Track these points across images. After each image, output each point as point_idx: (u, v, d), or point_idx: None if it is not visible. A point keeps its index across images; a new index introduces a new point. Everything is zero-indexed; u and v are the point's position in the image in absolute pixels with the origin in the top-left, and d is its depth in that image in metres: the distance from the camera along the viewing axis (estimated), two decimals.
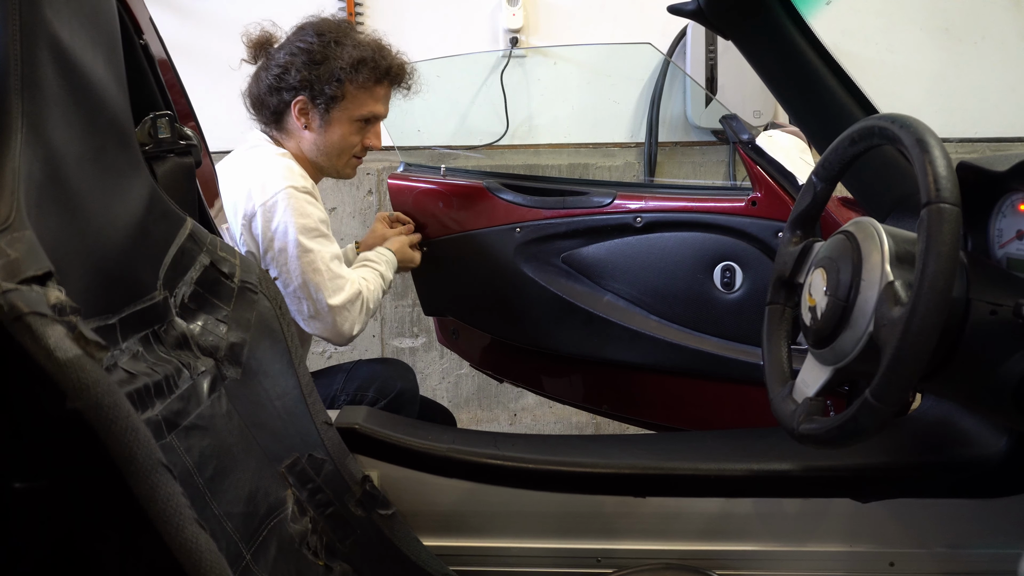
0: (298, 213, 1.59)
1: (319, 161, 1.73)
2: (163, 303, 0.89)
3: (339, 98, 1.66)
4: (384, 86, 1.72)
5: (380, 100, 1.72)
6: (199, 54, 2.58)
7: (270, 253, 1.60)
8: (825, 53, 1.29)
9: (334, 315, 1.62)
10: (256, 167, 1.65)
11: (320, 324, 1.64)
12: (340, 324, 1.63)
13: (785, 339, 1.10)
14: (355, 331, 1.67)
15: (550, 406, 2.90)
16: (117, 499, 0.51)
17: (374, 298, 1.71)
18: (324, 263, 1.61)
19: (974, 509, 1.19)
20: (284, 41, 1.71)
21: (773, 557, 1.24)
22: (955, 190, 0.80)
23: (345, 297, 1.63)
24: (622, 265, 1.83)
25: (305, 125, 1.70)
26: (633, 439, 1.57)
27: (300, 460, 1.09)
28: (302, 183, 1.63)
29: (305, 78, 1.65)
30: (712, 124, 2.73)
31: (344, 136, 1.70)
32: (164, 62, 1.17)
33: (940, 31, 2.78)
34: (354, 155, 1.75)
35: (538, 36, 2.78)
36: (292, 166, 1.65)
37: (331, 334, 1.66)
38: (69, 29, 0.73)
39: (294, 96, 1.67)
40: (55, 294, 0.50)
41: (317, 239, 1.61)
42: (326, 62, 1.64)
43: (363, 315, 1.68)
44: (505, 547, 1.27)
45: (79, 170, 0.73)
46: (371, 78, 1.67)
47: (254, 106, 1.75)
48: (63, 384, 0.47)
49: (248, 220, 1.60)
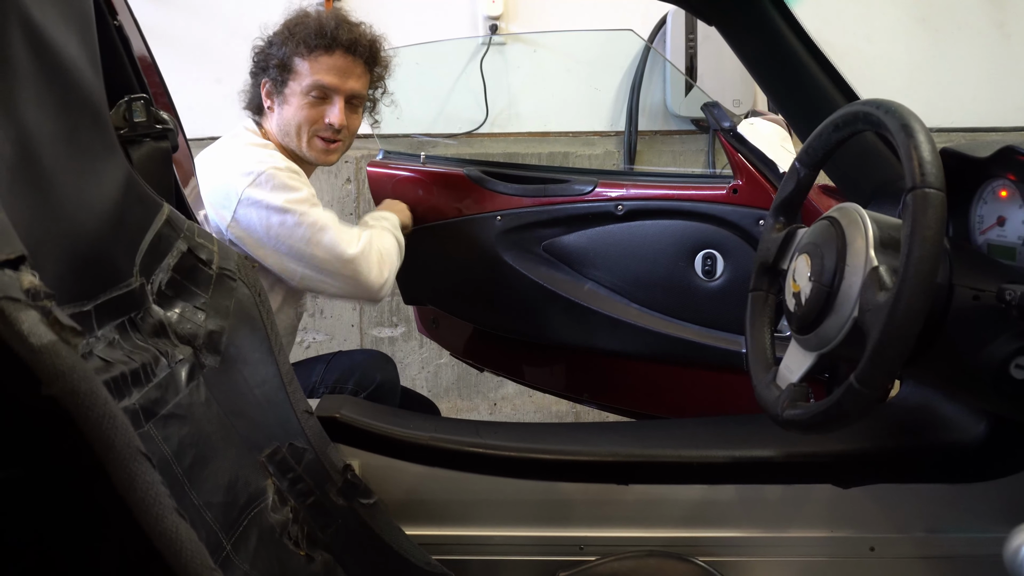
0: (285, 188, 1.56)
1: (286, 142, 1.69)
2: (140, 290, 0.87)
3: (285, 69, 1.64)
4: (336, 56, 1.64)
5: (329, 70, 1.64)
6: (175, 38, 2.54)
7: (271, 231, 1.54)
8: (808, 40, 1.30)
9: (358, 265, 1.58)
10: (235, 156, 1.63)
11: (348, 281, 1.59)
12: (368, 273, 1.59)
13: (768, 326, 1.11)
14: (384, 277, 1.63)
15: (530, 395, 2.90)
16: (94, 488, 0.49)
17: (387, 244, 1.67)
18: (331, 222, 1.58)
19: (954, 494, 1.20)
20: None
21: (755, 543, 1.24)
22: (940, 175, 0.80)
23: (363, 244, 1.60)
24: (603, 253, 1.83)
25: (269, 105, 1.69)
26: (615, 427, 1.58)
27: (280, 449, 1.08)
28: (284, 163, 1.60)
29: (264, 60, 1.67)
30: (692, 113, 2.73)
31: (296, 110, 1.65)
32: (140, 45, 1.14)
33: (917, 21, 2.79)
34: (316, 134, 1.67)
35: (517, 23, 2.77)
36: (272, 152, 1.64)
37: (362, 288, 1.61)
38: (40, 7, 0.71)
39: (260, 79, 1.69)
40: (28, 278, 0.48)
41: (312, 207, 1.58)
42: (277, 39, 1.66)
43: (387, 261, 1.64)
44: (487, 535, 1.26)
45: (52, 151, 0.71)
46: (314, 46, 1.62)
47: (246, 99, 1.75)
48: (38, 370, 0.45)
49: (236, 212, 1.55)
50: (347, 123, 1.68)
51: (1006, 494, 1.18)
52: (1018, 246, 0.99)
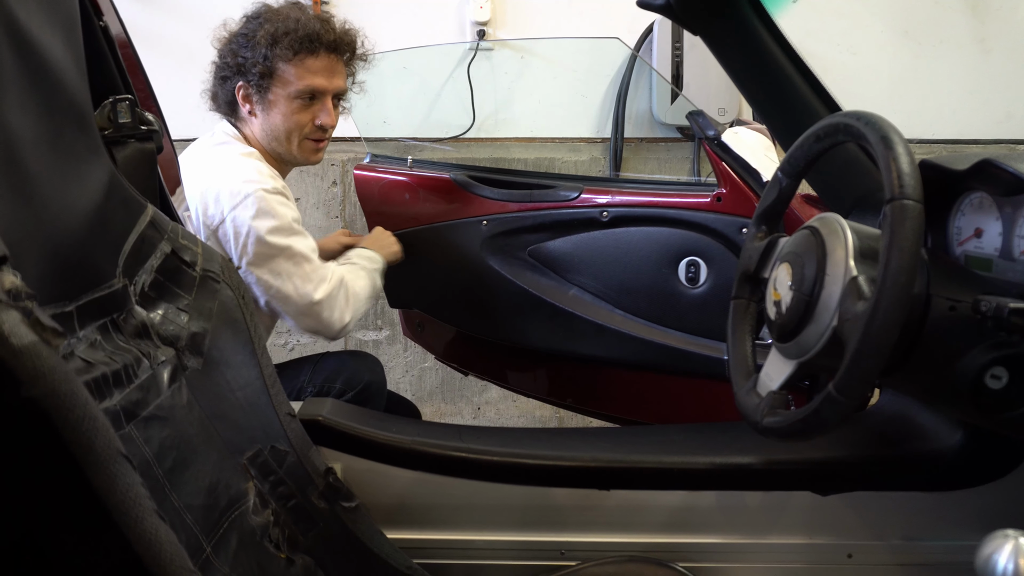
0: (269, 215, 1.56)
1: (272, 147, 1.69)
2: (122, 291, 0.87)
3: (269, 75, 1.62)
4: (321, 58, 1.63)
5: (316, 73, 1.63)
6: (160, 39, 2.52)
7: (245, 258, 1.56)
8: (792, 52, 1.31)
9: (321, 308, 1.59)
10: (223, 169, 1.61)
11: (310, 321, 1.61)
12: (329, 316, 1.61)
13: (750, 333, 1.11)
14: (346, 321, 1.63)
15: (514, 400, 2.90)
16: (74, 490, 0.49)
17: (359, 286, 1.67)
18: (303, 258, 1.59)
19: (930, 502, 1.22)
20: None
21: (735, 549, 1.25)
22: (918, 187, 0.81)
23: (329, 288, 1.60)
24: (588, 259, 1.83)
25: (250, 110, 1.67)
26: (597, 432, 1.58)
27: (262, 452, 1.07)
28: (272, 184, 1.59)
29: (239, 62, 1.63)
30: (677, 121, 2.75)
31: (286, 116, 1.64)
32: (125, 45, 1.14)
33: (900, 34, 2.83)
34: (307, 136, 1.68)
35: (505, 29, 2.78)
36: (261, 167, 1.62)
37: (322, 328, 1.63)
38: (25, 9, 0.71)
39: (235, 83, 1.65)
40: (10, 279, 0.48)
41: (291, 237, 1.58)
42: (254, 42, 1.61)
43: (351, 305, 1.64)
44: (469, 540, 1.26)
45: (35, 153, 0.71)
46: (299, 49, 1.60)
47: (212, 99, 1.72)
48: (18, 371, 0.45)
49: (217, 226, 1.56)
50: (334, 121, 1.70)
51: (981, 503, 1.19)
52: (995, 258, 1.00)
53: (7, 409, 0.47)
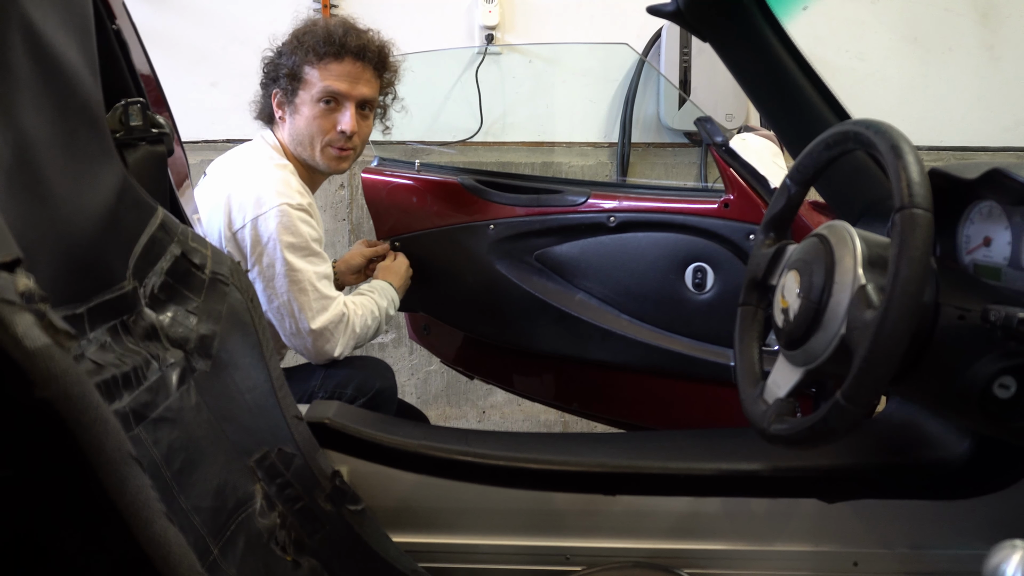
0: (289, 231, 1.57)
1: (298, 152, 1.71)
2: (132, 293, 0.87)
3: (296, 79, 1.65)
4: (346, 63, 1.65)
5: (339, 77, 1.65)
6: (172, 42, 2.54)
7: (257, 267, 1.58)
8: (801, 58, 1.31)
9: (314, 337, 1.62)
10: (254, 177, 1.63)
11: (300, 342, 1.64)
12: (320, 346, 1.63)
13: (757, 340, 1.11)
14: (336, 353, 1.66)
15: (519, 403, 2.90)
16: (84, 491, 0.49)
17: (362, 323, 1.69)
18: (311, 283, 1.60)
19: (937, 510, 1.21)
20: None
21: (741, 556, 1.25)
22: (928, 196, 0.81)
23: (328, 319, 1.62)
24: (595, 264, 1.83)
25: (281, 115, 1.71)
26: (603, 437, 1.58)
27: (269, 454, 1.08)
28: (298, 200, 1.61)
29: (274, 70, 1.68)
30: (684, 126, 2.74)
31: (308, 120, 1.66)
32: (137, 49, 1.15)
33: (909, 42, 2.82)
34: (329, 143, 1.69)
35: (514, 34, 2.78)
36: (290, 180, 1.64)
37: (310, 354, 1.66)
38: (41, 12, 0.71)
39: (271, 90, 1.70)
40: (24, 281, 0.49)
41: (306, 258, 1.60)
42: (287, 49, 1.67)
43: (346, 338, 1.66)
44: (474, 544, 1.27)
45: (49, 155, 0.72)
46: (323, 53, 1.63)
47: (257, 109, 1.76)
48: (31, 373, 0.45)
49: (237, 231, 1.59)
50: (358, 130, 1.69)
51: (989, 512, 1.19)
52: (1003, 266, 1.00)
53: (21, 410, 0.47)
